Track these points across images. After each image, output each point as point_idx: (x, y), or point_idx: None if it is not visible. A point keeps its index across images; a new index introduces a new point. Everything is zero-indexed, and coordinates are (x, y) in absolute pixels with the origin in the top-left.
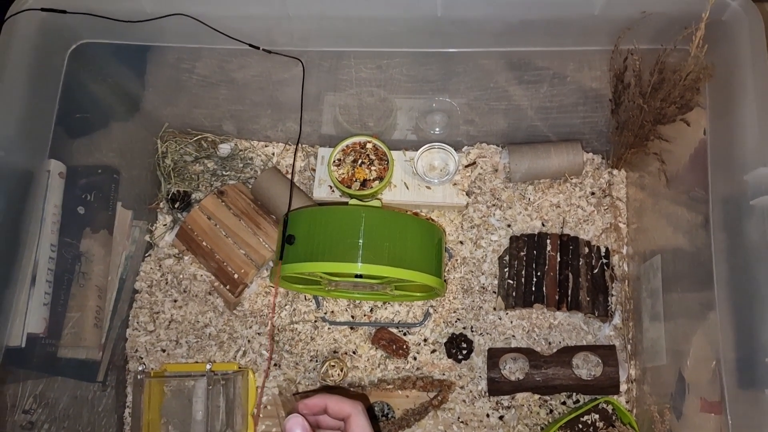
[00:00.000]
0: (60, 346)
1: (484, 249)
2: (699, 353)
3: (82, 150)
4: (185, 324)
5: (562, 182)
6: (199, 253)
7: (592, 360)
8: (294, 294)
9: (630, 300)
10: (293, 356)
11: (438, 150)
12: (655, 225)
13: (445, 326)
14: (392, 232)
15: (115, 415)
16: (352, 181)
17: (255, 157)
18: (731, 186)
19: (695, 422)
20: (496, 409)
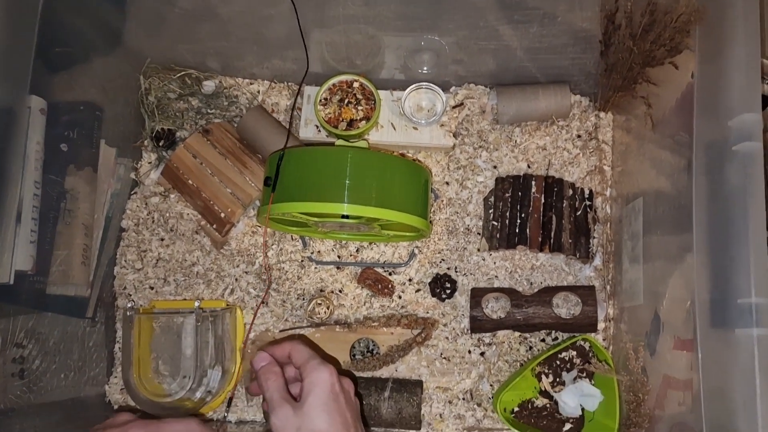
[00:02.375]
0: (48, 283)
1: (470, 190)
2: (675, 294)
3: (63, 86)
4: (173, 262)
5: (549, 125)
6: (186, 192)
7: (572, 300)
8: (281, 234)
9: (611, 242)
10: (280, 294)
11: (426, 90)
12: (639, 168)
13: (430, 266)
14: (379, 173)
15: (105, 350)
16: (339, 121)
17: (240, 95)
18: (715, 131)
19: (667, 359)
20: (477, 345)
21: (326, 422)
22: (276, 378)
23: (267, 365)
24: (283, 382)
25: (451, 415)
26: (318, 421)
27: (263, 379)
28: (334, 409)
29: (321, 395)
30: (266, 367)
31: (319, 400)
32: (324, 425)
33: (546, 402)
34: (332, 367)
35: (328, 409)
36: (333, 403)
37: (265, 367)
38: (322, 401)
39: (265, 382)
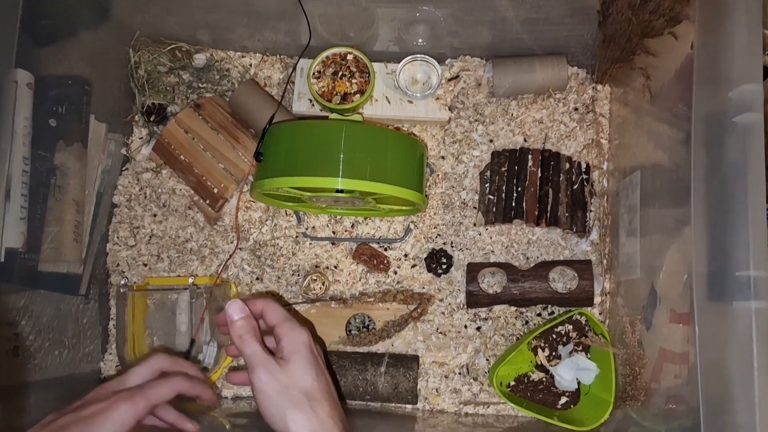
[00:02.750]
0: (40, 261)
1: (466, 164)
2: (672, 267)
3: (51, 60)
4: (166, 239)
5: (545, 97)
6: (178, 168)
7: (568, 274)
8: (275, 209)
9: (608, 216)
10: (275, 270)
11: (421, 62)
12: (636, 141)
13: (426, 241)
14: (373, 147)
15: (99, 327)
16: (333, 94)
17: (232, 69)
18: (715, 102)
19: (664, 333)
20: (473, 320)
21: (313, 379)
22: (256, 334)
23: (245, 319)
24: (261, 339)
25: (448, 390)
26: (307, 378)
27: (242, 334)
28: (316, 366)
29: (306, 354)
30: (246, 320)
31: (305, 359)
32: (313, 382)
33: (542, 376)
34: (308, 330)
35: (314, 368)
36: (315, 362)
37: (245, 321)
38: (308, 360)
39: (244, 337)
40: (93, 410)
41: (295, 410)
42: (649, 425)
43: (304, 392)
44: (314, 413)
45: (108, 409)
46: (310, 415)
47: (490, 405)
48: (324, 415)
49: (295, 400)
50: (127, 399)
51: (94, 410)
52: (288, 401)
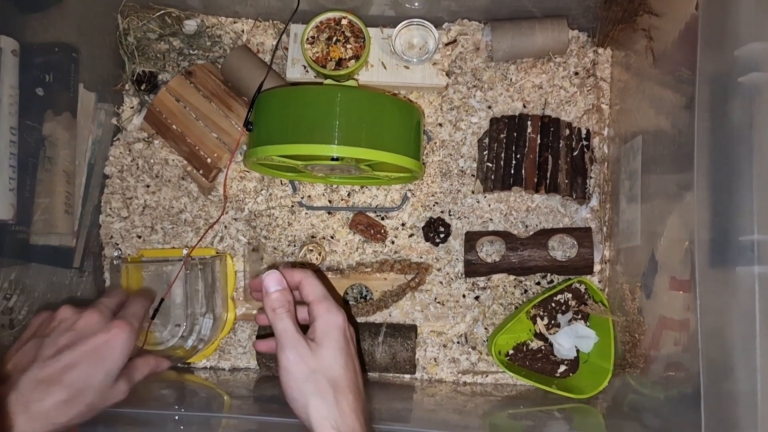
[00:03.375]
0: (31, 233)
1: (464, 131)
2: (673, 234)
3: (36, 26)
4: (159, 210)
5: (545, 62)
6: (170, 137)
7: (568, 242)
8: (269, 179)
9: (608, 182)
10: (271, 241)
11: (417, 27)
12: (638, 106)
13: (423, 210)
14: (369, 113)
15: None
16: (327, 60)
17: (223, 35)
18: (720, 62)
19: (664, 300)
20: (472, 290)
21: (342, 368)
22: (290, 309)
23: (282, 292)
24: (296, 316)
25: (446, 359)
26: (336, 366)
27: (276, 308)
28: (348, 354)
29: (339, 339)
30: (281, 294)
31: (337, 344)
32: (341, 370)
33: (541, 344)
34: (344, 313)
35: (345, 355)
36: (347, 349)
37: (280, 294)
38: (340, 346)
39: (278, 311)
40: (94, 342)
41: (318, 398)
42: (648, 392)
43: (330, 380)
44: (337, 404)
45: (111, 341)
46: (332, 405)
47: (489, 374)
48: (346, 407)
49: (320, 387)
50: (126, 326)
51: (96, 342)
52: (313, 387)
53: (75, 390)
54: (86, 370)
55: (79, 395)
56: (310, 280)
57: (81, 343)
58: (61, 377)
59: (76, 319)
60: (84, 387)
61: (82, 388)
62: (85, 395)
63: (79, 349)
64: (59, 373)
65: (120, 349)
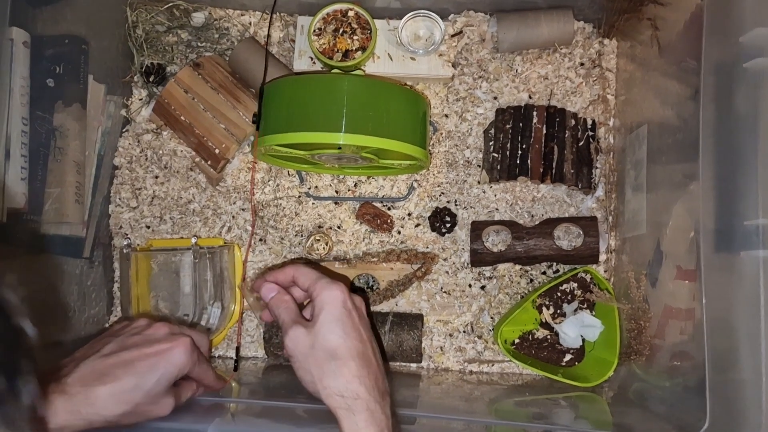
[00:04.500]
0: (42, 222)
1: (470, 122)
2: (678, 223)
3: (46, 18)
4: (168, 200)
5: (551, 52)
6: (178, 128)
7: (574, 231)
8: (277, 169)
9: (614, 172)
10: (278, 231)
11: (423, 18)
12: (643, 96)
13: (429, 200)
14: (376, 101)
15: (104, 290)
16: (334, 51)
17: (231, 27)
18: (725, 49)
19: (669, 288)
20: (478, 279)
21: (340, 337)
22: (287, 304)
23: (277, 295)
24: (295, 307)
25: (452, 348)
26: (332, 337)
27: (274, 309)
28: (348, 324)
29: (333, 311)
30: (276, 296)
31: (332, 316)
32: (338, 340)
33: (546, 333)
34: (342, 285)
35: (342, 325)
36: (346, 319)
37: (276, 297)
38: (335, 317)
39: (276, 311)
40: (158, 349)
41: (319, 370)
42: (654, 381)
43: (329, 351)
44: (338, 372)
45: (171, 350)
46: (333, 374)
47: (495, 363)
48: (348, 373)
49: (319, 360)
50: (189, 342)
51: (160, 349)
52: (313, 361)
53: (126, 387)
54: (142, 371)
55: (129, 393)
56: (301, 270)
57: (144, 346)
58: (116, 371)
59: (147, 327)
60: (135, 387)
61: (132, 388)
62: (133, 395)
63: (140, 350)
64: (116, 367)
65: (177, 360)
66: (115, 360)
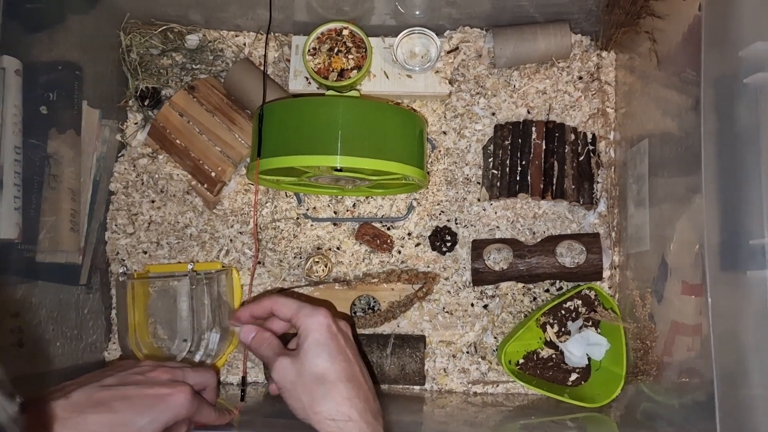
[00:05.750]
0: (37, 251)
1: (468, 139)
2: (682, 238)
3: (39, 45)
4: (165, 225)
5: (548, 67)
6: (174, 152)
7: (576, 248)
8: (274, 191)
9: (616, 186)
10: (277, 254)
11: (419, 35)
12: (643, 109)
13: (429, 219)
14: (372, 123)
15: (102, 317)
16: (329, 71)
17: (225, 49)
18: (725, 63)
19: (676, 305)
20: (480, 298)
21: (327, 361)
22: (268, 341)
23: (256, 335)
24: (277, 341)
25: (456, 369)
26: (319, 361)
27: (257, 349)
28: (334, 348)
29: (318, 338)
30: (256, 337)
31: (317, 342)
32: (326, 364)
33: (551, 352)
34: (326, 310)
35: (328, 349)
36: (332, 343)
37: (256, 338)
38: (320, 342)
39: (259, 350)
40: (157, 392)
41: (309, 397)
42: (662, 400)
43: (316, 377)
44: (327, 396)
45: (170, 396)
46: (323, 399)
47: (500, 383)
48: (338, 396)
49: (308, 387)
50: (189, 391)
51: (159, 393)
52: (302, 389)
53: (120, 420)
54: (138, 408)
55: (120, 427)
56: (279, 302)
57: (145, 386)
58: (113, 402)
59: (151, 370)
60: (128, 422)
61: (125, 422)
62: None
63: (140, 389)
64: (113, 399)
65: (174, 406)
66: (113, 392)
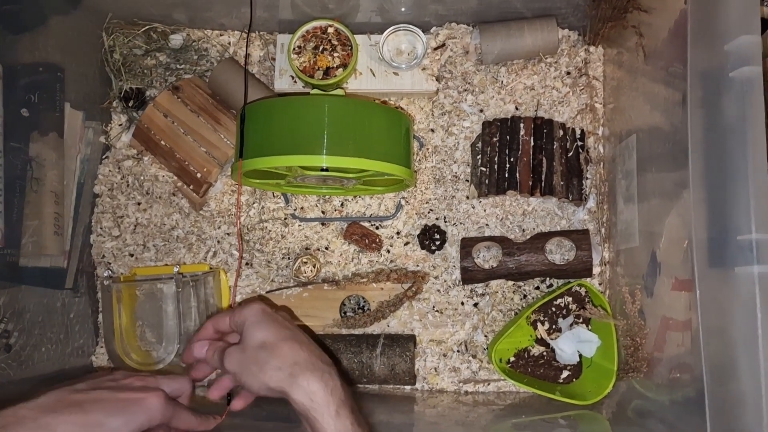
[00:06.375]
0: (21, 256)
1: (456, 136)
2: (672, 233)
3: (19, 48)
4: (151, 227)
5: (536, 62)
6: (159, 153)
7: (566, 245)
8: (261, 191)
9: (605, 182)
10: (264, 255)
11: (405, 32)
12: (631, 104)
13: (418, 218)
14: (358, 122)
15: (89, 321)
16: (315, 69)
17: (210, 48)
18: (711, 57)
19: (666, 300)
20: (470, 297)
21: (265, 330)
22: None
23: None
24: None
25: (446, 368)
26: (257, 333)
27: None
28: (269, 321)
29: (253, 319)
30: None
31: (253, 322)
32: (264, 333)
33: (542, 350)
34: (259, 300)
35: (265, 324)
36: (267, 318)
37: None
38: (256, 321)
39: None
40: (130, 396)
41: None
42: (653, 396)
43: (258, 346)
44: (272, 356)
45: (144, 400)
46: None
47: (491, 382)
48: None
49: (252, 358)
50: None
51: (132, 397)
52: (250, 362)
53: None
54: (110, 410)
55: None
56: (215, 318)
57: (117, 390)
58: (84, 404)
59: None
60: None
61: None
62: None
63: (113, 393)
64: (84, 401)
65: (148, 409)
66: (84, 396)
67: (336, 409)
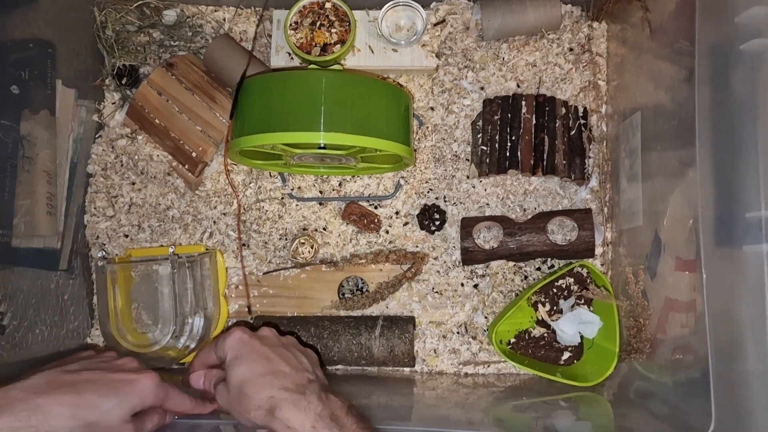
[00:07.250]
0: (13, 236)
1: (456, 114)
2: (676, 213)
3: (8, 24)
4: (146, 207)
5: (538, 39)
6: (153, 132)
7: (568, 225)
8: (258, 171)
9: (608, 161)
10: (261, 236)
11: (404, 8)
12: (636, 81)
13: (417, 197)
14: (356, 97)
15: (84, 302)
16: (312, 46)
17: (204, 24)
18: (720, 30)
19: (669, 281)
20: (470, 278)
21: (243, 368)
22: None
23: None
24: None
25: (446, 350)
26: (237, 371)
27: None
28: (248, 355)
29: (233, 353)
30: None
31: (233, 358)
32: (242, 371)
33: (543, 331)
34: (239, 327)
35: (244, 359)
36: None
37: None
38: (235, 356)
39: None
40: (123, 377)
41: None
42: (656, 377)
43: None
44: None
45: (137, 381)
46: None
47: (491, 364)
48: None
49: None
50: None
51: (125, 378)
52: (235, 403)
53: (83, 402)
54: (102, 391)
55: (84, 409)
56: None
57: (110, 371)
58: (76, 385)
59: (115, 359)
60: (92, 404)
61: (89, 404)
62: (88, 412)
63: (105, 374)
64: (76, 382)
65: (141, 391)
66: (76, 376)
67: (312, 425)
